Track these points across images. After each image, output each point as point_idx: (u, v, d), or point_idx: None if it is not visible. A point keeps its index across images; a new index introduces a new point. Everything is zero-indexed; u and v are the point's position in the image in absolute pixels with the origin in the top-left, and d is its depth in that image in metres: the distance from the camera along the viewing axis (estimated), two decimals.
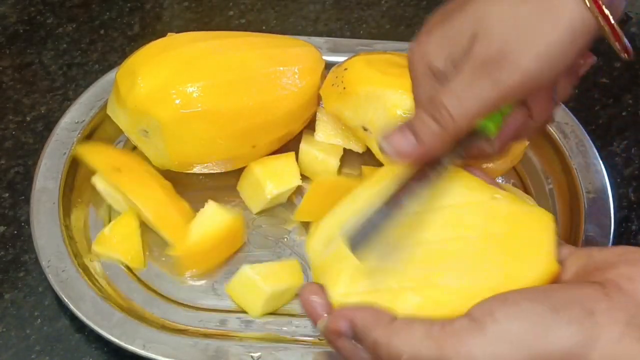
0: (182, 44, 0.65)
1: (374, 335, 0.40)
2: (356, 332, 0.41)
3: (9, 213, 0.68)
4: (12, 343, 0.60)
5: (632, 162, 0.72)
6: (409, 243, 0.43)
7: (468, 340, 0.37)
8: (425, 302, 0.41)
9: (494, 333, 0.37)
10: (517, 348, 0.37)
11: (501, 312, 0.38)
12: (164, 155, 0.65)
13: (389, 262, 0.42)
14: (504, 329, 0.37)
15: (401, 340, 0.39)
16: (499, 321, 0.37)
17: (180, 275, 0.63)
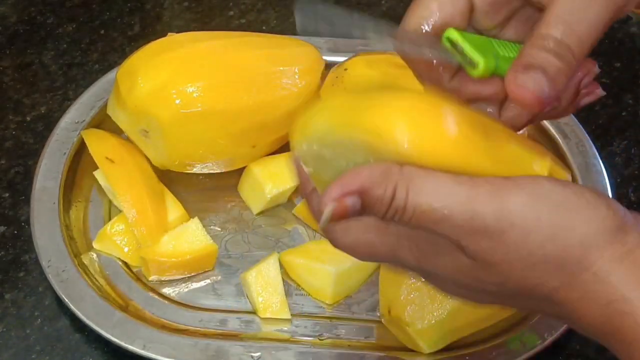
0: (182, 44, 0.65)
1: (389, 188, 0.34)
2: (366, 198, 0.35)
3: (9, 213, 0.68)
4: (13, 343, 0.60)
5: (632, 162, 0.72)
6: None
7: (504, 190, 0.34)
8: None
9: (534, 192, 0.34)
10: (547, 209, 0.34)
11: (542, 181, 0.35)
12: (164, 155, 0.65)
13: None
14: (544, 191, 0.35)
15: (423, 185, 0.34)
16: (540, 185, 0.35)
17: (147, 277, 0.63)
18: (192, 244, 0.63)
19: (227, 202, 0.68)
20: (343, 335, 0.61)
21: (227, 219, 0.67)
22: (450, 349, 0.59)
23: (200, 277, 0.64)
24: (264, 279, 0.62)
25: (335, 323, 0.61)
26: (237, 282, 0.64)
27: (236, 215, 0.68)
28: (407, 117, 0.36)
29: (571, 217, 0.35)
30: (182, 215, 0.65)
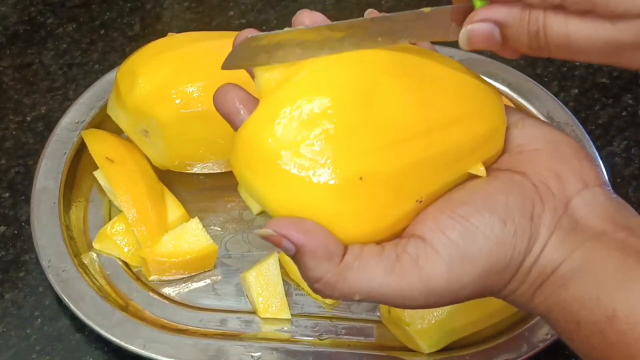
0: (183, 44, 0.65)
1: (319, 273, 0.36)
2: (298, 258, 0.36)
3: (9, 213, 0.68)
4: (13, 343, 0.60)
5: (632, 162, 0.72)
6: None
7: (426, 267, 0.36)
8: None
9: (451, 254, 0.36)
10: (472, 267, 0.37)
11: (454, 231, 0.37)
12: (164, 155, 0.65)
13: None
14: (459, 250, 0.37)
15: (356, 278, 0.36)
16: (453, 242, 0.37)
17: (147, 277, 0.63)
18: (192, 244, 0.63)
19: (227, 202, 0.68)
20: (343, 335, 0.61)
21: (227, 219, 0.67)
22: (450, 349, 0.59)
23: (200, 277, 0.64)
24: (264, 279, 0.62)
25: (335, 323, 0.62)
26: (237, 282, 0.64)
27: (236, 215, 0.68)
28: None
29: (479, 267, 0.37)
30: (182, 215, 0.65)
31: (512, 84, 0.72)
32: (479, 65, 0.72)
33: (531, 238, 0.38)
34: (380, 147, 0.36)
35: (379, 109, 0.37)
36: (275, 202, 0.36)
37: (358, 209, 0.36)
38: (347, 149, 0.36)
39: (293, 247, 0.36)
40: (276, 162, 0.36)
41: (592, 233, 0.37)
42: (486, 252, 0.37)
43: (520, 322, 0.60)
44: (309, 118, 0.36)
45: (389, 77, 0.38)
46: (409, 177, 0.37)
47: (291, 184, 0.36)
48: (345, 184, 0.36)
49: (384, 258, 0.37)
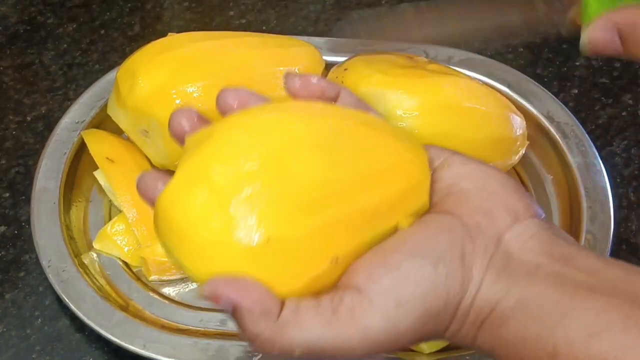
0: (183, 44, 0.65)
1: (258, 330, 0.37)
2: (236, 316, 0.37)
3: (9, 213, 0.68)
4: (13, 343, 0.60)
5: (632, 162, 0.72)
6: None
7: (362, 317, 0.36)
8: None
9: (384, 303, 0.37)
10: (407, 313, 0.37)
11: (386, 279, 0.37)
12: (164, 155, 0.65)
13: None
14: (392, 298, 0.37)
15: (294, 334, 0.36)
16: (386, 290, 0.37)
17: (147, 277, 0.63)
18: None
19: None
20: None
21: None
22: (450, 349, 0.59)
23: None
24: None
25: None
26: None
27: None
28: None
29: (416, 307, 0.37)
30: None
31: (512, 84, 0.71)
32: (479, 65, 0.72)
33: (464, 279, 0.38)
34: (287, 211, 0.37)
35: (288, 175, 0.37)
36: (196, 270, 0.37)
37: (271, 270, 0.37)
38: (255, 214, 0.36)
39: (230, 305, 0.37)
40: (188, 231, 0.37)
41: (526, 269, 0.37)
42: (420, 297, 0.37)
43: None
44: (218, 183, 0.37)
45: (300, 145, 0.38)
46: (319, 239, 0.37)
47: (205, 251, 0.37)
48: (255, 247, 0.36)
49: (320, 311, 0.37)
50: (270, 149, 0.38)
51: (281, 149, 0.38)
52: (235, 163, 0.37)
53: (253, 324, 0.37)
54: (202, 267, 0.37)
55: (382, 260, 0.38)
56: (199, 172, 0.37)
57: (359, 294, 0.37)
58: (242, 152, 0.37)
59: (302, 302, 0.37)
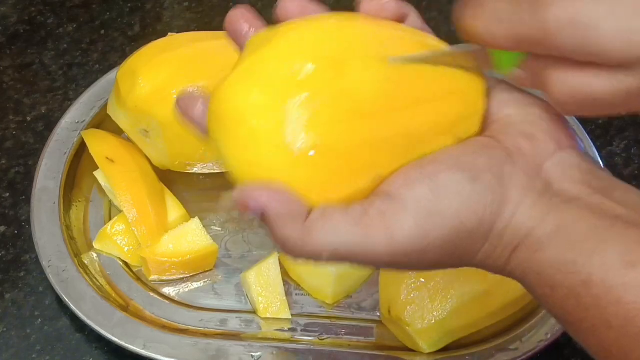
0: (183, 44, 0.65)
1: (286, 232, 0.36)
2: (266, 221, 0.37)
3: (9, 213, 0.68)
4: (13, 343, 0.60)
5: (632, 162, 0.72)
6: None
7: (392, 221, 0.36)
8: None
9: (417, 210, 0.36)
10: (440, 224, 0.36)
11: (422, 187, 0.36)
12: (164, 155, 0.65)
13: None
14: (426, 205, 0.36)
15: (320, 235, 0.36)
16: (420, 197, 0.36)
17: (148, 277, 0.63)
18: (192, 244, 0.63)
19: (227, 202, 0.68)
20: (343, 335, 0.61)
21: (228, 219, 0.67)
22: (450, 349, 0.59)
23: (200, 277, 0.64)
24: (264, 279, 0.62)
25: (335, 323, 0.62)
26: (238, 282, 0.64)
27: (236, 215, 0.68)
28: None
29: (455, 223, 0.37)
30: (182, 215, 0.65)
31: None
32: None
33: (502, 199, 0.37)
34: (338, 120, 0.36)
35: (345, 83, 0.37)
36: (235, 161, 0.37)
37: (312, 178, 0.36)
38: (306, 118, 0.36)
39: (259, 209, 0.36)
40: (237, 121, 0.36)
41: (566, 196, 0.37)
42: (455, 209, 0.36)
43: (520, 322, 0.60)
44: (276, 83, 0.36)
45: (364, 52, 0.38)
46: (365, 154, 0.37)
47: (252, 145, 0.36)
48: (300, 152, 0.36)
49: (350, 212, 0.36)
50: (330, 53, 0.37)
51: (342, 55, 0.37)
52: (294, 65, 0.37)
53: (281, 227, 0.36)
54: (243, 159, 0.37)
55: (420, 169, 0.37)
56: (258, 69, 0.37)
57: (392, 199, 0.36)
58: (302, 54, 0.37)
59: (331, 206, 0.36)
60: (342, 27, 0.39)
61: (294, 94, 0.36)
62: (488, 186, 0.37)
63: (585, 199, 0.37)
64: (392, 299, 0.59)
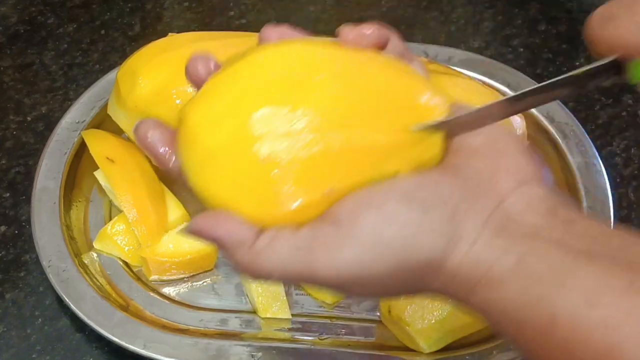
0: (183, 44, 0.66)
1: (236, 258, 0.38)
2: (220, 248, 0.38)
3: (9, 213, 0.68)
4: (13, 343, 0.60)
5: (632, 162, 0.72)
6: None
7: (335, 250, 0.36)
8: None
9: (362, 240, 0.36)
10: (383, 256, 0.36)
11: (368, 216, 0.36)
12: None
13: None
14: (370, 236, 0.36)
15: (267, 260, 0.37)
16: (365, 227, 0.36)
17: (148, 277, 0.64)
18: (192, 244, 0.63)
19: None
20: (343, 335, 0.61)
21: None
22: (450, 349, 0.59)
23: (200, 277, 0.64)
24: None
25: (335, 323, 0.62)
26: (238, 282, 0.64)
27: None
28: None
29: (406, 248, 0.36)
30: (182, 215, 0.65)
31: (512, 84, 0.72)
32: (479, 66, 0.72)
33: (453, 235, 0.36)
34: (290, 132, 0.37)
35: (306, 97, 0.38)
36: (193, 177, 0.39)
37: (262, 193, 0.37)
38: (263, 132, 0.37)
39: (211, 239, 0.38)
40: (195, 137, 0.38)
41: (527, 230, 0.36)
42: (400, 241, 0.36)
43: None
44: (234, 100, 0.38)
45: (326, 70, 0.39)
46: (318, 166, 0.37)
47: (208, 162, 0.38)
48: (250, 164, 0.37)
49: (297, 237, 0.37)
50: (293, 70, 0.38)
51: (304, 72, 0.38)
52: (253, 81, 0.38)
53: (232, 253, 0.38)
54: (199, 174, 0.38)
55: (369, 197, 0.37)
56: (218, 87, 0.39)
57: (339, 226, 0.36)
58: (263, 71, 0.38)
59: (281, 231, 0.37)
60: (309, 49, 0.39)
61: (250, 109, 0.37)
62: (438, 220, 0.36)
63: (547, 232, 0.36)
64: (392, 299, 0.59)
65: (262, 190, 0.37)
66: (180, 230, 0.38)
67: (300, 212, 0.37)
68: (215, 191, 0.38)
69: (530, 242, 0.35)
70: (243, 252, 0.37)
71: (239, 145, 0.37)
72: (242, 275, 0.39)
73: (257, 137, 0.37)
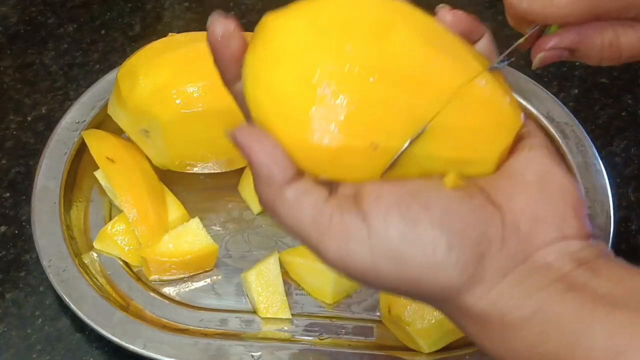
0: (183, 44, 0.66)
1: (259, 190, 0.37)
2: (250, 167, 0.37)
3: (10, 213, 0.68)
4: (13, 342, 0.61)
5: (632, 161, 0.72)
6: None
7: (350, 243, 0.35)
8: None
9: (378, 245, 0.34)
10: (393, 270, 0.35)
11: (394, 227, 0.34)
12: (165, 155, 0.65)
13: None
14: (387, 247, 0.34)
15: (286, 212, 0.36)
16: (387, 236, 0.34)
17: (148, 277, 0.64)
18: (192, 244, 0.63)
19: (227, 202, 0.68)
20: (343, 335, 0.61)
21: (228, 219, 0.68)
22: (450, 349, 0.59)
23: (200, 276, 0.64)
24: (264, 279, 0.62)
25: (336, 323, 0.62)
26: (238, 282, 0.64)
27: (236, 215, 0.68)
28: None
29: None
30: (182, 215, 0.65)
31: (511, 84, 0.71)
32: None
33: (473, 277, 0.34)
34: (361, 76, 0.36)
35: (387, 45, 0.37)
36: (249, 79, 0.37)
37: (302, 119, 0.36)
38: (326, 62, 0.36)
39: (246, 153, 0.36)
40: (266, 38, 0.38)
41: (550, 278, 0.34)
42: (417, 266, 0.34)
43: None
44: (322, 27, 0.37)
45: (410, 21, 0.38)
46: (368, 115, 0.36)
47: (263, 65, 0.37)
48: (305, 88, 0.36)
49: (324, 208, 0.35)
50: (379, 15, 0.37)
51: (389, 18, 0.37)
52: (341, 16, 0.37)
53: (257, 182, 0.37)
54: (255, 78, 0.37)
55: (404, 206, 0.35)
56: (311, 9, 0.38)
57: (363, 220, 0.35)
58: (352, 10, 0.37)
59: (313, 189, 0.36)
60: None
61: (332, 40, 0.36)
62: (464, 259, 0.34)
63: (567, 278, 0.34)
64: (392, 299, 0.59)
65: (304, 116, 0.36)
66: (226, 131, 0.37)
67: (341, 156, 0.36)
68: (264, 101, 0.36)
69: (549, 290, 0.34)
70: (268, 190, 0.36)
71: (302, 64, 0.36)
72: (261, 206, 0.37)
73: (323, 66, 0.36)
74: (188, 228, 0.64)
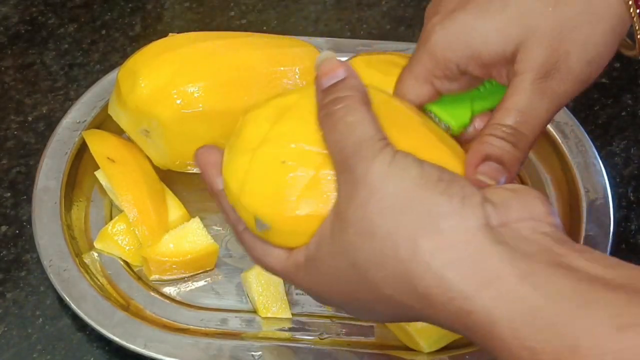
0: (183, 45, 0.66)
1: (232, 227, 0.45)
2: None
3: (10, 213, 0.68)
4: (14, 342, 0.61)
5: (632, 161, 0.72)
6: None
7: (305, 279, 0.40)
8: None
9: (317, 272, 0.39)
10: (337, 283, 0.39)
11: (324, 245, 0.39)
12: (165, 155, 0.65)
13: None
14: (327, 267, 0.39)
15: (258, 259, 0.43)
16: (321, 260, 0.39)
17: (148, 277, 0.64)
18: (193, 244, 0.63)
19: None
20: (343, 335, 0.61)
21: None
22: (450, 348, 0.59)
23: (201, 276, 0.64)
24: (264, 279, 0.62)
25: (336, 322, 0.62)
26: (238, 282, 0.64)
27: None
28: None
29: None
30: (183, 215, 0.65)
31: None
32: None
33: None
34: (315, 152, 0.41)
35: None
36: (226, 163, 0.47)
37: (272, 190, 0.42)
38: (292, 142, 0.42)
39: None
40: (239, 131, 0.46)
41: (541, 258, 0.34)
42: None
43: None
44: (278, 112, 0.45)
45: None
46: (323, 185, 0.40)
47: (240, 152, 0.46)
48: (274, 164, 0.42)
49: (288, 260, 0.42)
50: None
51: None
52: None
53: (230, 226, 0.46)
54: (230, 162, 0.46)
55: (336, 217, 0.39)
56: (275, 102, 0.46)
57: (307, 261, 0.40)
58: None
59: (275, 251, 0.43)
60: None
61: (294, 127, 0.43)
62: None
63: (558, 258, 0.34)
64: None
65: (275, 188, 0.41)
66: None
67: (303, 220, 0.40)
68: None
69: (544, 268, 0.33)
70: (240, 231, 0.45)
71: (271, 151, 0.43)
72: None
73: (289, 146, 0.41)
74: (188, 228, 0.64)
